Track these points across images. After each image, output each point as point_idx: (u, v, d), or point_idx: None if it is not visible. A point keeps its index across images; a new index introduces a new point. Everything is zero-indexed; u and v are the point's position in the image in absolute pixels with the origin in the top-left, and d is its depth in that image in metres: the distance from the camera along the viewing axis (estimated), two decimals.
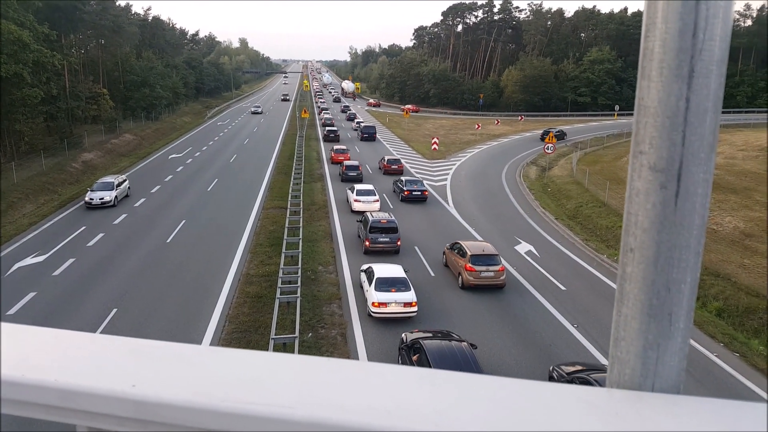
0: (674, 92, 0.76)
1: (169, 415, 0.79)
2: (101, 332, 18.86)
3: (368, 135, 67.51)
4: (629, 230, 0.83)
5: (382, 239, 26.60)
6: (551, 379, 16.35)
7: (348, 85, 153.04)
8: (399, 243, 26.86)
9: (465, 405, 0.77)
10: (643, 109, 0.79)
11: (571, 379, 15.26)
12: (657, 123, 0.77)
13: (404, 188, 37.75)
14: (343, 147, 53.82)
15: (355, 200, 34.22)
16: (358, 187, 35.79)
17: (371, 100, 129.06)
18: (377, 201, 34.18)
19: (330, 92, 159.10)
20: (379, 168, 48.51)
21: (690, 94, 0.75)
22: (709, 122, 0.76)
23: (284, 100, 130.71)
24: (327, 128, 68.82)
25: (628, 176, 0.84)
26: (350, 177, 42.63)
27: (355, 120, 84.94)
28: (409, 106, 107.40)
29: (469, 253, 23.17)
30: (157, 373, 0.85)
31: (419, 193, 37.52)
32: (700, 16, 0.73)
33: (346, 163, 44.87)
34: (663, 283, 0.81)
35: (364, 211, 31.40)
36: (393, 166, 46.53)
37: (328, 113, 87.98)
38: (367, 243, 26.61)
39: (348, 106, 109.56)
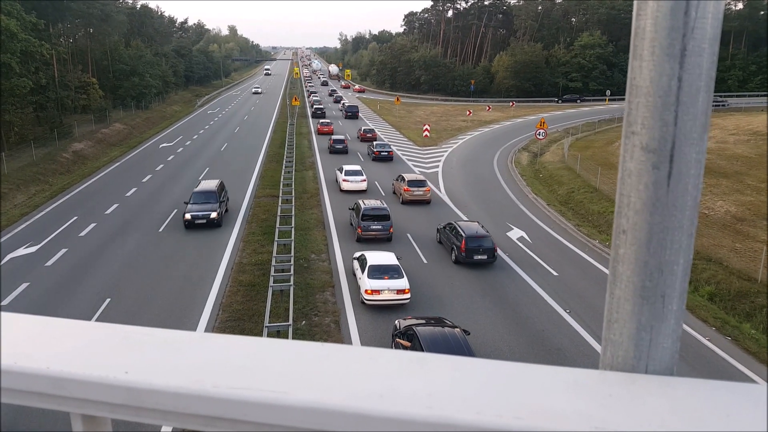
0: (666, 72, 0.75)
1: (161, 401, 0.80)
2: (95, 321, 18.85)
3: (351, 113, 77.44)
4: (622, 212, 0.82)
5: (374, 227, 26.62)
6: (437, 232, 27.09)
7: (333, 68, 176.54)
8: (391, 230, 26.89)
9: (457, 387, 0.77)
10: (635, 89, 0.78)
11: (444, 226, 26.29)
12: (649, 103, 0.76)
13: (374, 150, 47.48)
14: (328, 121, 64.36)
15: (344, 180, 36.84)
16: (346, 167, 38.24)
17: (343, 83, 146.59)
18: (364, 180, 36.83)
19: (319, 77, 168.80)
20: (358, 137, 58.45)
21: (682, 74, 0.74)
22: (702, 102, 0.75)
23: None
24: (315, 106, 78.82)
25: (621, 157, 0.83)
26: (337, 149, 49.74)
27: (341, 102, 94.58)
28: (357, 86, 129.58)
29: (406, 179, 34.12)
30: (149, 360, 0.86)
31: (386, 153, 47.12)
32: None
33: (334, 137, 52.10)
34: (656, 265, 0.80)
35: (351, 190, 35.99)
36: (368, 135, 57.50)
37: (316, 96, 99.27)
38: (359, 230, 26.65)
39: (335, 90, 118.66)
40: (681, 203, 0.78)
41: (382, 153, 46.90)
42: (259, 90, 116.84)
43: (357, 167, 38.51)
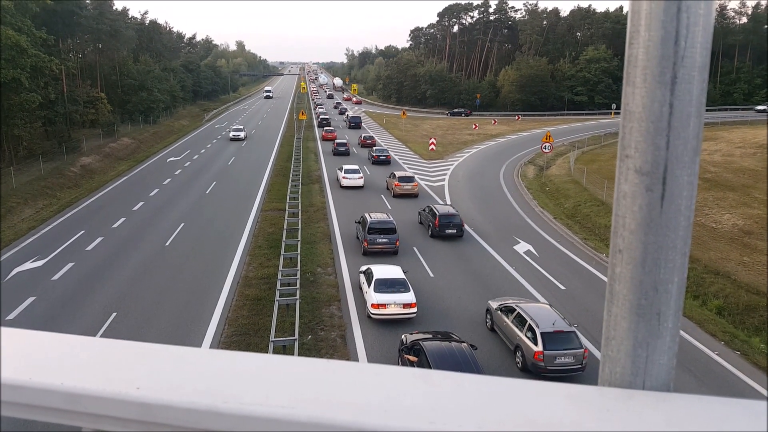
0: (658, 98, 0.78)
1: (172, 416, 0.81)
2: (101, 336, 18.86)
3: (355, 124, 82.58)
4: (617, 232, 0.85)
5: (380, 240, 26.58)
6: (418, 215, 32.99)
7: (338, 81, 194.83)
8: (398, 243, 26.88)
9: (459, 403, 0.79)
10: (629, 114, 0.81)
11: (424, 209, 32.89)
12: (642, 128, 0.80)
13: (373, 154, 53.48)
14: (332, 128, 72.35)
15: (343, 177, 42.06)
16: (345, 167, 43.46)
17: (345, 95, 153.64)
18: (361, 178, 42.20)
19: (326, 91, 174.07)
20: (359, 144, 64.31)
21: (673, 100, 0.77)
22: (693, 127, 0.78)
23: None
24: (321, 117, 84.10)
25: (616, 179, 0.85)
26: (340, 151, 56.75)
27: (345, 113, 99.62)
28: (354, 99, 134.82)
29: (397, 175, 39.81)
30: (160, 376, 0.87)
31: (384, 157, 52.76)
32: (681, 24, 0.75)
33: (338, 141, 58.84)
34: (651, 284, 0.82)
35: (350, 186, 41.42)
36: (368, 141, 63.50)
37: (322, 108, 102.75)
38: (365, 244, 26.64)
39: (339, 102, 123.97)
40: (674, 224, 0.81)
41: (381, 157, 52.71)
42: (241, 134, 67.94)
43: (355, 167, 43.78)
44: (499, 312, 19.05)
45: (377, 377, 0.86)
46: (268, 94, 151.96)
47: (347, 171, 42.44)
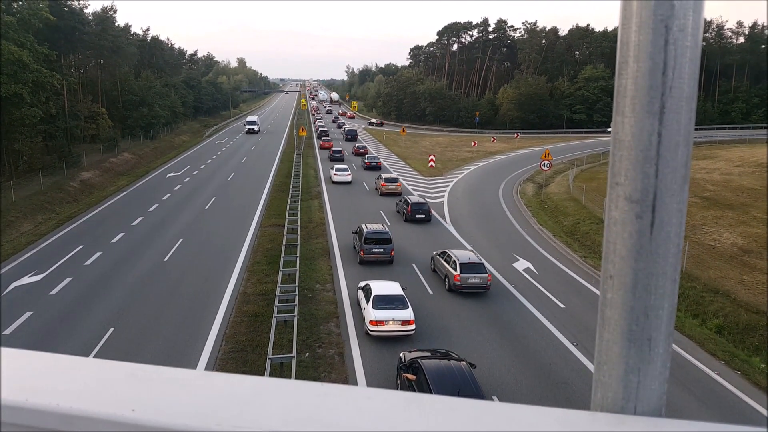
0: (647, 127, 0.79)
1: None
2: (98, 351, 18.79)
3: (351, 136, 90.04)
4: (608, 258, 0.86)
5: (376, 249, 27.17)
6: (396, 205, 39.72)
7: (334, 95, 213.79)
8: (393, 253, 27.45)
9: (450, 427, 0.80)
10: (618, 143, 0.83)
11: (400, 200, 39.86)
12: (631, 156, 0.81)
13: (365, 161, 60.90)
14: (329, 138, 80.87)
15: (335, 174, 50.75)
16: (336, 165, 52.84)
17: (340, 110, 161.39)
18: (349, 174, 50.87)
19: (325, 107, 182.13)
20: (353, 153, 71.10)
21: (662, 129, 0.79)
22: (681, 155, 0.80)
23: None
24: (320, 129, 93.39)
25: (606, 206, 0.87)
26: (336, 157, 64.90)
27: (343, 127, 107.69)
28: (348, 113, 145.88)
29: (383, 177, 46.59)
30: (155, 398, 0.88)
31: (375, 164, 60.13)
32: (669, 56, 0.77)
33: (334, 148, 67.34)
34: (641, 310, 0.84)
35: (340, 182, 50.09)
36: (360, 150, 70.15)
37: (321, 122, 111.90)
38: (361, 253, 27.13)
39: (337, 117, 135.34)
40: (664, 251, 0.82)
41: (372, 163, 60.30)
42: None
43: (344, 165, 52.67)
44: (437, 256, 26.62)
45: (369, 401, 0.87)
46: (251, 127, 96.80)
47: (338, 169, 51.30)
